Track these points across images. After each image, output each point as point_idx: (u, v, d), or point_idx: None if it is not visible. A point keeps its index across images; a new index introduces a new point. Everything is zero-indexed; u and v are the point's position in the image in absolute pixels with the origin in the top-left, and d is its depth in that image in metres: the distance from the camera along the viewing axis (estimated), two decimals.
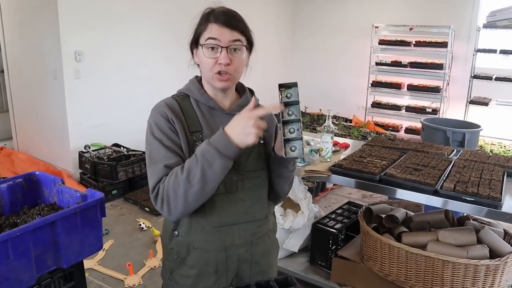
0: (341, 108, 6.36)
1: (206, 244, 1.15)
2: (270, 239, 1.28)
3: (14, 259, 0.90)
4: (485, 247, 1.73)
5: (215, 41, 1.07)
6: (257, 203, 1.19)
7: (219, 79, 1.10)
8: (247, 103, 1.16)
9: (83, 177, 4.03)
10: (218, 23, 1.07)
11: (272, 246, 1.30)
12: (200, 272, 1.17)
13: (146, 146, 1.12)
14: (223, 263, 1.17)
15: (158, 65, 4.65)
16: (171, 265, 1.20)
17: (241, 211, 1.16)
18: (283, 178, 1.23)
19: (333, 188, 4.20)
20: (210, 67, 1.09)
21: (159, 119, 1.11)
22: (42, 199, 1.24)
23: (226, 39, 1.07)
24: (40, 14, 3.94)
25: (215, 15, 1.09)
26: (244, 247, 1.19)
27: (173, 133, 1.10)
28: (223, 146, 0.98)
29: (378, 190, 1.91)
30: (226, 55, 1.07)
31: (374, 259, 1.95)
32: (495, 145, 5.33)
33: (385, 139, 2.63)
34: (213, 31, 1.07)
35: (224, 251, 1.16)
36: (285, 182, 1.25)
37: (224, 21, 1.07)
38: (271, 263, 1.30)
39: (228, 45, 1.07)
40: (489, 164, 2.08)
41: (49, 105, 4.16)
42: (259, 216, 1.21)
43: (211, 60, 1.08)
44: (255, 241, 1.21)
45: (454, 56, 5.66)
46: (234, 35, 1.08)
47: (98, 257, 2.79)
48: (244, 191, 1.15)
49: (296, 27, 7.03)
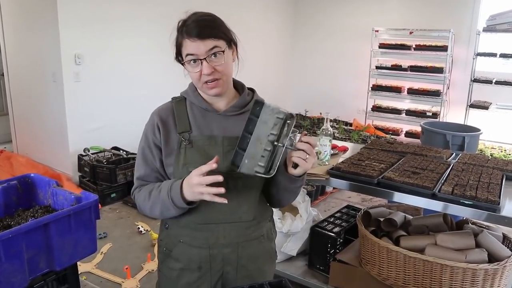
0: (341, 112, 6.36)
1: (191, 240, 1.20)
2: (261, 245, 1.26)
3: (6, 261, 0.90)
4: (483, 251, 1.72)
5: (193, 56, 1.10)
6: (245, 204, 1.19)
7: (209, 87, 1.14)
8: (243, 104, 1.23)
9: (82, 180, 4.02)
10: (190, 38, 1.09)
11: (263, 252, 1.28)
12: (184, 267, 1.21)
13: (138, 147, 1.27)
14: (207, 261, 1.19)
15: (157, 69, 4.65)
16: (161, 256, 1.27)
17: (227, 210, 1.17)
18: (288, 192, 1.24)
19: (333, 192, 4.19)
20: (197, 80, 1.14)
21: (148, 127, 1.22)
22: (37, 201, 1.23)
23: (202, 51, 1.09)
24: (40, 17, 3.95)
25: (187, 29, 1.10)
26: (229, 247, 1.20)
27: (153, 145, 1.20)
28: (177, 200, 1.09)
29: (376, 193, 1.90)
30: (207, 65, 1.10)
31: (372, 263, 1.94)
32: (495, 149, 5.32)
33: (384, 142, 2.62)
34: (188, 47, 1.11)
35: (208, 249, 1.19)
36: (290, 195, 1.26)
37: (196, 34, 1.09)
38: (263, 271, 1.28)
39: (206, 55, 1.09)
40: (488, 167, 2.07)
41: (49, 108, 4.16)
42: (247, 217, 1.20)
43: (196, 73, 1.12)
44: (242, 243, 1.21)
45: (454, 60, 5.66)
46: (208, 45, 1.09)
47: (96, 260, 2.78)
48: (231, 191, 1.14)
49: (297, 30, 7.05)
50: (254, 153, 1.04)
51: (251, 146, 1.04)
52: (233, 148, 1.13)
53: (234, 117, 1.21)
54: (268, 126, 1.04)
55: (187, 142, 1.15)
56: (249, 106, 1.20)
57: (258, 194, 1.23)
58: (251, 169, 1.05)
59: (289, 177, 1.15)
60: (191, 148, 1.16)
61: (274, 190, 1.25)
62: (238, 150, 1.07)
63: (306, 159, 1.09)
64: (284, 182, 1.18)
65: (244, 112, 1.21)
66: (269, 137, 1.04)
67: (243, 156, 1.05)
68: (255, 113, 1.05)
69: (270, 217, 1.34)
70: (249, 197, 1.20)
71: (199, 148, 1.16)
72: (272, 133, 1.04)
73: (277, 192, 1.25)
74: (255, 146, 1.04)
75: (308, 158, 1.09)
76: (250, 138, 1.04)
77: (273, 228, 1.36)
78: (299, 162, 1.10)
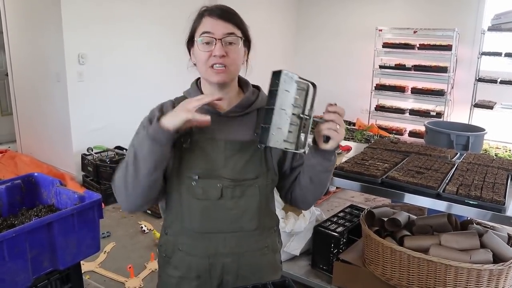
0: (345, 111, 6.33)
1: (190, 248, 1.14)
2: (264, 257, 1.19)
3: (9, 260, 0.90)
4: (488, 252, 1.71)
5: (209, 34, 1.04)
6: (247, 213, 1.11)
7: (215, 72, 1.06)
8: (248, 103, 1.15)
9: (85, 180, 4.04)
10: (212, 16, 1.06)
11: (266, 264, 1.21)
12: (183, 275, 1.15)
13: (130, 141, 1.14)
14: (206, 270, 1.14)
15: (161, 68, 4.66)
16: (160, 261, 1.22)
17: (227, 219, 1.10)
18: (314, 179, 1.12)
19: (336, 192, 4.18)
20: (204, 61, 1.06)
21: (145, 120, 1.12)
22: (40, 200, 1.23)
23: (220, 31, 1.04)
24: (43, 17, 3.97)
25: (209, 10, 1.08)
26: (230, 257, 1.14)
27: None
28: (153, 129, 0.98)
29: (380, 193, 1.89)
30: (221, 47, 1.04)
31: (376, 263, 1.93)
32: (499, 148, 5.28)
33: (388, 142, 2.61)
34: (206, 24, 1.06)
35: (207, 259, 1.13)
36: (314, 185, 1.14)
37: (218, 14, 1.06)
38: None
39: (223, 37, 1.04)
40: (493, 167, 2.05)
41: (52, 108, 4.18)
42: (249, 227, 1.13)
43: (206, 53, 1.05)
44: (243, 254, 1.15)
45: (459, 59, 5.63)
46: (228, 28, 1.05)
47: (99, 259, 2.79)
48: (231, 199, 1.09)
49: (300, 29, 7.03)
50: (280, 123, 0.97)
51: (276, 116, 0.96)
52: (236, 153, 1.09)
53: (237, 119, 1.13)
54: (291, 94, 0.98)
55: (187, 144, 1.09)
56: (254, 106, 1.15)
57: (262, 202, 1.14)
58: (280, 143, 0.97)
59: (323, 153, 1.07)
60: (191, 151, 1.09)
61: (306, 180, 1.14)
62: (264, 126, 0.98)
63: (337, 129, 1.02)
64: (318, 160, 1.09)
65: (248, 113, 1.14)
66: (294, 109, 0.98)
67: (269, 130, 0.96)
68: (274, 84, 0.98)
69: (276, 227, 1.25)
70: (250, 206, 1.12)
71: (199, 151, 1.09)
72: (296, 104, 0.98)
73: (311, 182, 1.13)
74: (280, 116, 0.97)
75: (339, 129, 1.02)
76: (273, 110, 0.96)
77: (279, 238, 1.28)
78: (330, 134, 1.03)
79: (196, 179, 1.08)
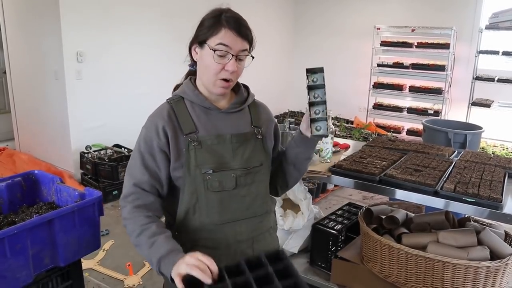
0: (343, 110, 6.35)
1: (209, 242, 1.16)
2: (271, 237, 1.30)
3: (11, 257, 0.90)
4: (485, 249, 1.72)
5: (226, 48, 1.08)
6: (258, 199, 1.20)
7: (222, 86, 1.12)
8: (242, 100, 1.24)
9: (84, 178, 4.04)
10: (231, 30, 1.08)
11: (273, 243, 1.31)
12: None
13: (133, 152, 1.17)
14: (228, 261, 1.11)
15: (159, 66, 4.65)
16: None
17: (243, 207, 1.17)
18: (297, 166, 1.28)
19: (334, 190, 4.19)
20: (216, 72, 1.10)
21: (150, 132, 1.13)
22: (41, 197, 1.24)
23: (237, 48, 1.09)
24: (42, 15, 3.96)
25: (227, 20, 1.09)
26: (246, 243, 1.20)
27: (158, 150, 1.12)
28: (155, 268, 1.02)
29: (378, 191, 1.90)
30: (234, 63, 1.09)
31: (374, 261, 1.95)
32: (497, 147, 5.31)
33: (386, 140, 2.62)
34: (226, 37, 1.08)
35: (228, 248, 1.17)
36: (297, 171, 1.29)
37: (237, 29, 1.08)
38: None
39: (238, 54, 1.10)
40: (490, 165, 2.07)
41: (51, 106, 4.17)
42: (260, 211, 1.22)
43: (219, 65, 1.09)
44: (256, 238, 1.22)
45: (456, 58, 5.65)
46: (244, 45, 1.11)
47: (98, 257, 2.79)
48: (244, 187, 1.16)
49: (298, 28, 7.03)
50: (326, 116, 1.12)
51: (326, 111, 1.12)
52: (241, 144, 1.16)
53: (236, 114, 1.21)
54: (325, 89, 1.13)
55: (196, 143, 1.12)
56: (247, 102, 1.23)
57: (267, 186, 1.25)
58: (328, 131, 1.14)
59: (307, 142, 1.20)
60: (200, 149, 1.12)
61: (290, 167, 1.29)
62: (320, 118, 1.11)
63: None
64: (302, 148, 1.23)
65: (243, 109, 1.23)
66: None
67: (326, 121, 1.11)
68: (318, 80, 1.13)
69: (274, 208, 1.36)
70: (260, 191, 1.21)
71: (208, 148, 1.13)
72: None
73: (294, 169, 1.28)
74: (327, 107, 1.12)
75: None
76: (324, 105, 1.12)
77: (275, 218, 1.39)
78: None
79: (211, 173, 1.12)
